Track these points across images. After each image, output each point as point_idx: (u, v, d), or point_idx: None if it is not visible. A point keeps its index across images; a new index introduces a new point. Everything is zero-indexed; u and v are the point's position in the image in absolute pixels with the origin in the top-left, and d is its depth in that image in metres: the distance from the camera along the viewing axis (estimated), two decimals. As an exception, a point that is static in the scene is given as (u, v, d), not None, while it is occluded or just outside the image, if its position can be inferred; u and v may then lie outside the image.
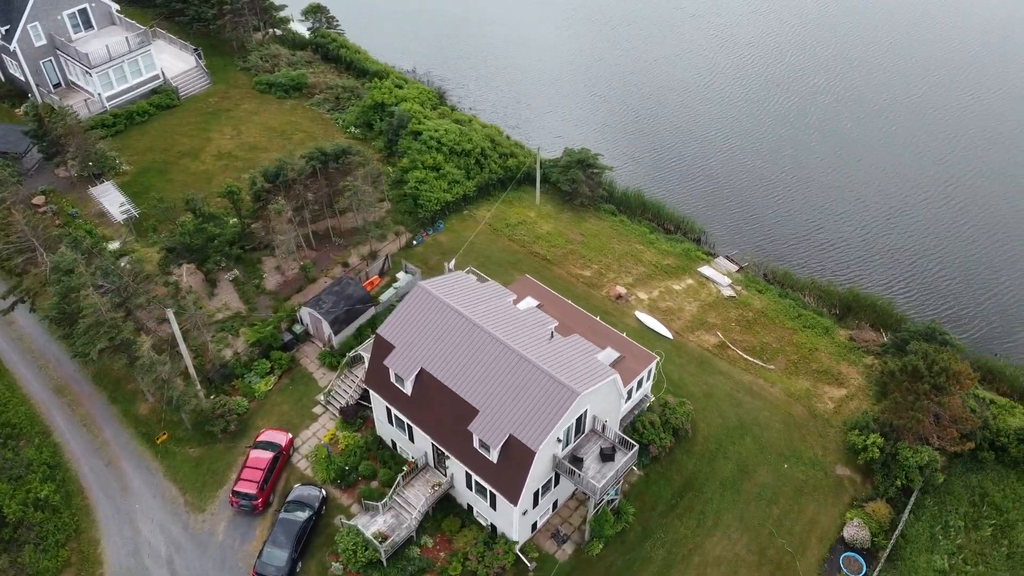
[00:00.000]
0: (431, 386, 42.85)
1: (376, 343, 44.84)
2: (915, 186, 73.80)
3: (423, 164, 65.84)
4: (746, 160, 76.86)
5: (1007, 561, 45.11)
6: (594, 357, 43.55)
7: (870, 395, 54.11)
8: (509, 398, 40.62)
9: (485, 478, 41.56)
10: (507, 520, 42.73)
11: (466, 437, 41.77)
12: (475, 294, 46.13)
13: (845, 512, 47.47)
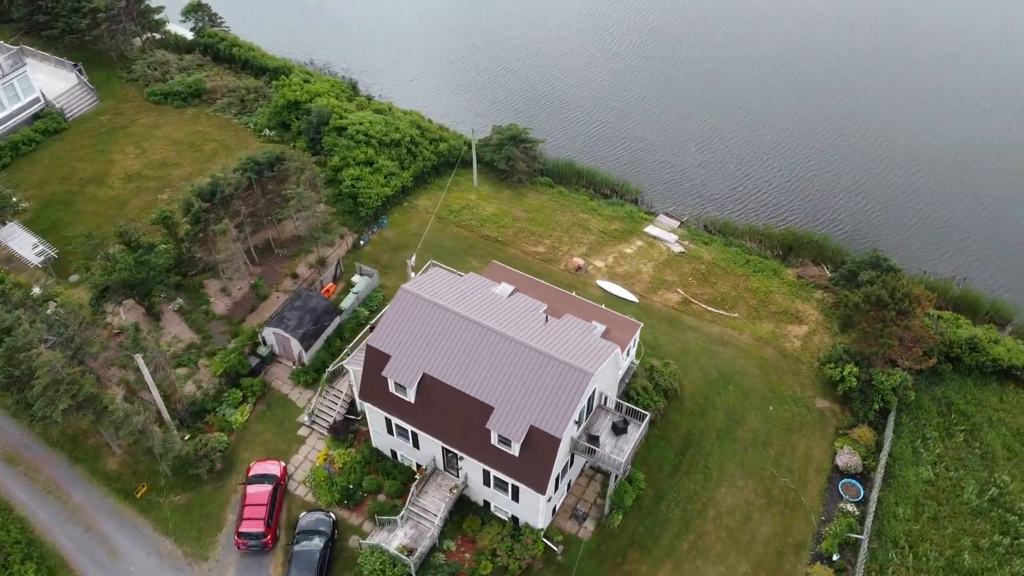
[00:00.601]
0: (436, 390, 41.73)
1: (369, 355, 43.11)
2: (829, 126, 77.36)
3: (355, 160, 63.33)
4: (664, 117, 78.27)
5: (981, 461, 48.98)
6: (592, 335, 43.63)
7: (830, 328, 57.07)
8: (522, 390, 40.14)
9: (507, 472, 41.09)
10: (532, 510, 42.53)
11: (482, 435, 41.08)
12: (459, 289, 45.04)
13: (833, 442, 50.12)
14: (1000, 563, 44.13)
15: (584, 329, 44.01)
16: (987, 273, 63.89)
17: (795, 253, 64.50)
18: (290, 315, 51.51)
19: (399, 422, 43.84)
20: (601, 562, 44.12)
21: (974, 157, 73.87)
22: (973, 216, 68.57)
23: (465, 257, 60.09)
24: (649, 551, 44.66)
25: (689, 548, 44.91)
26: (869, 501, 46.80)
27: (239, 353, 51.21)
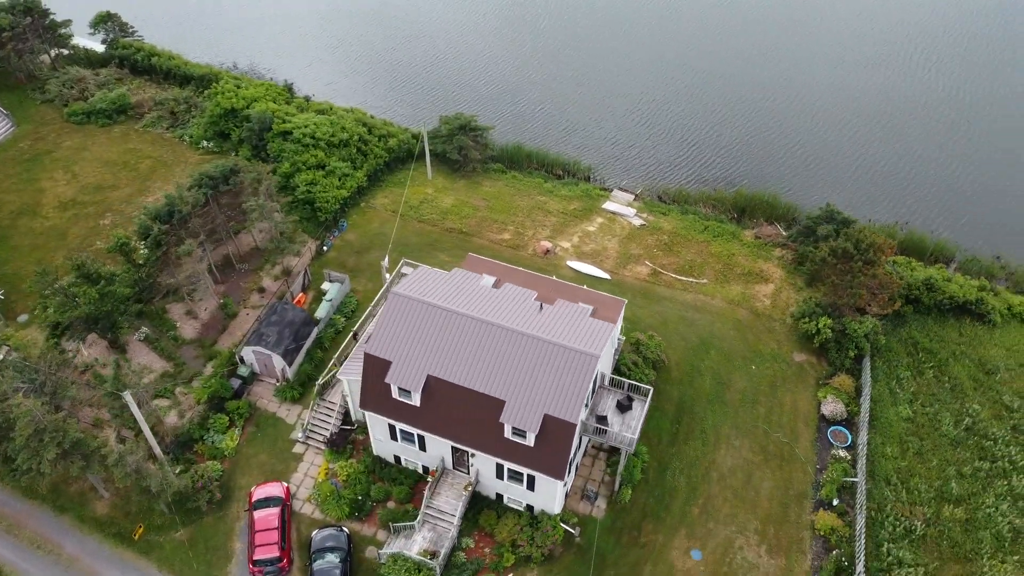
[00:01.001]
0: (442, 391, 41.32)
1: (368, 363, 42.24)
2: (765, 89, 79.65)
3: (306, 165, 61.50)
4: (603, 93, 78.95)
5: (952, 394, 51.91)
6: (587, 317, 43.96)
7: (794, 284, 59.17)
8: (531, 380, 40.19)
9: (523, 463, 41.17)
10: (548, 496, 42.81)
11: (494, 430, 40.98)
12: (448, 286, 44.54)
13: (816, 393, 52.17)
14: (983, 487, 47.04)
15: (577, 312, 44.28)
16: (925, 216, 67.30)
17: (748, 215, 66.49)
18: (268, 331, 49.91)
19: (404, 427, 43.25)
20: (618, 538, 44.86)
21: (898, 107, 77.47)
22: (904, 162, 72.01)
23: (432, 252, 59.44)
24: (662, 521, 45.66)
25: (700, 512, 46.13)
26: (858, 445, 49.05)
27: (220, 377, 49.38)
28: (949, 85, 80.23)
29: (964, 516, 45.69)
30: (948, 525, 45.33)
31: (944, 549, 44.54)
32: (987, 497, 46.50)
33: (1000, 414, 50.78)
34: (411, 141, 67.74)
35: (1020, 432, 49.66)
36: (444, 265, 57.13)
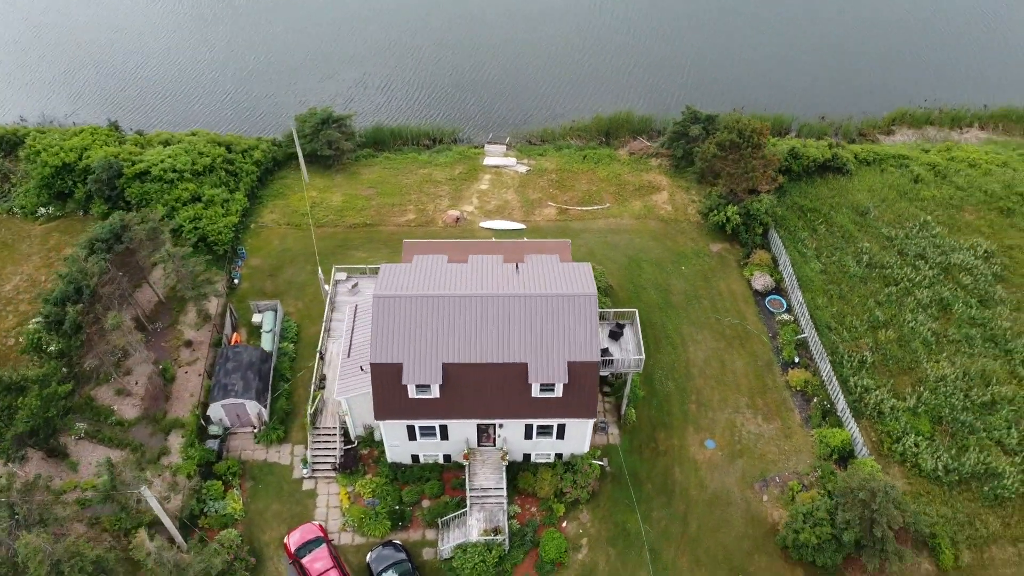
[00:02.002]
0: (460, 375, 41.19)
1: (377, 372, 40.97)
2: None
3: (180, 201, 56.53)
4: (418, 48, 78.79)
5: (843, 240, 59.44)
6: (560, 264, 45.38)
7: (683, 185, 64.13)
8: (544, 336, 41.17)
9: (554, 415, 42.40)
10: (579, 438, 44.55)
11: (519, 394, 41.70)
12: (419, 275, 43.83)
13: (742, 273, 57.63)
14: (898, 307, 54.96)
15: (552, 262, 45.57)
16: (742, 97, 74.23)
17: (613, 136, 70.45)
18: (230, 380, 46.49)
19: (425, 423, 42.77)
20: (640, 455, 47.73)
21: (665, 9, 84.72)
22: (707, 50, 79.33)
23: (348, 252, 57.61)
24: (669, 426, 49.10)
25: (696, 408, 50.06)
26: (794, 306, 55.19)
27: (197, 443, 45.54)
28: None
29: (895, 335, 53.35)
30: (887, 347, 52.77)
31: (892, 367, 51.94)
32: (904, 314, 54.50)
33: (885, 245, 59.12)
34: (274, 149, 64.19)
35: (905, 255, 58.23)
36: (368, 260, 55.85)
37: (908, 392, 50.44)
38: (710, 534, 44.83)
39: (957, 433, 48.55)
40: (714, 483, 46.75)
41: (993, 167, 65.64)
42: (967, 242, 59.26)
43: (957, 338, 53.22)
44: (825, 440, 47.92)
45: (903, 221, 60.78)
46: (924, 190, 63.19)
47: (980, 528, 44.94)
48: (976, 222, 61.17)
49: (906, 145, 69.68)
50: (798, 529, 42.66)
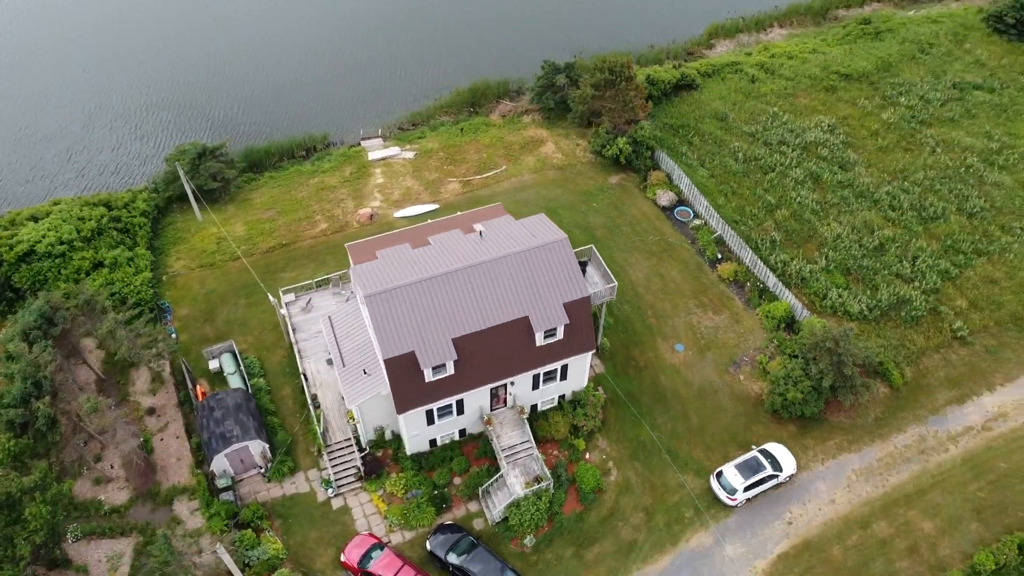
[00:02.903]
0: (469, 346, 42.46)
1: (392, 367, 41.29)
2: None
3: (79, 272, 52.37)
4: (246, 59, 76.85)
5: (716, 145, 65.98)
6: (517, 222, 47.54)
7: (564, 132, 67.99)
8: (535, 287, 43.37)
9: (559, 357, 44.85)
10: (580, 373, 47.41)
11: (525, 347, 43.75)
12: (393, 265, 44.32)
13: (646, 195, 62.57)
14: (781, 187, 62.19)
15: (507, 222, 47.63)
16: (584, 41, 79.54)
17: (478, 101, 72.85)
18: (225, 428, 44.68)
19: (444, 402, 43.76)
20: (626, 374, 51.42)
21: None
22: (528, 9, 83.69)
23: (278, 275, 56.18)
24: (641, 343, 53.12)
25: (656, 320, 54.40)
26: (701, 212, 60.92)
27: (212, 501, 43.55)
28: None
29: (788, 212, 60.57)
30: (786, 224, 59.85)
31: (796, 239, 59.06)
32: (789, 193, 61.90)
33: (750, 141, 66.34)
34: (154, 196, 60.57)
35: (770, 144, 65.73)
36: (297, 279, 55.04)
37: (816, 255, 57.79)
38: (710, 422, 49.57)
39: (865, 277, 56.51)
40: (696, 378, 51.52)
41: (807, 55, 75.21)
42: (811, 122, 67.92)
43: (835, 201, 61.39)
44: (770, 314, 54.09)
45: (756, 117, 68.44)
46: (762, 87, 71.35)
47: (910, 346, 53.06)
48: (811, 104, 70.13)
49: (731, 54, 77.82)
50: (782, 392, 48.36)
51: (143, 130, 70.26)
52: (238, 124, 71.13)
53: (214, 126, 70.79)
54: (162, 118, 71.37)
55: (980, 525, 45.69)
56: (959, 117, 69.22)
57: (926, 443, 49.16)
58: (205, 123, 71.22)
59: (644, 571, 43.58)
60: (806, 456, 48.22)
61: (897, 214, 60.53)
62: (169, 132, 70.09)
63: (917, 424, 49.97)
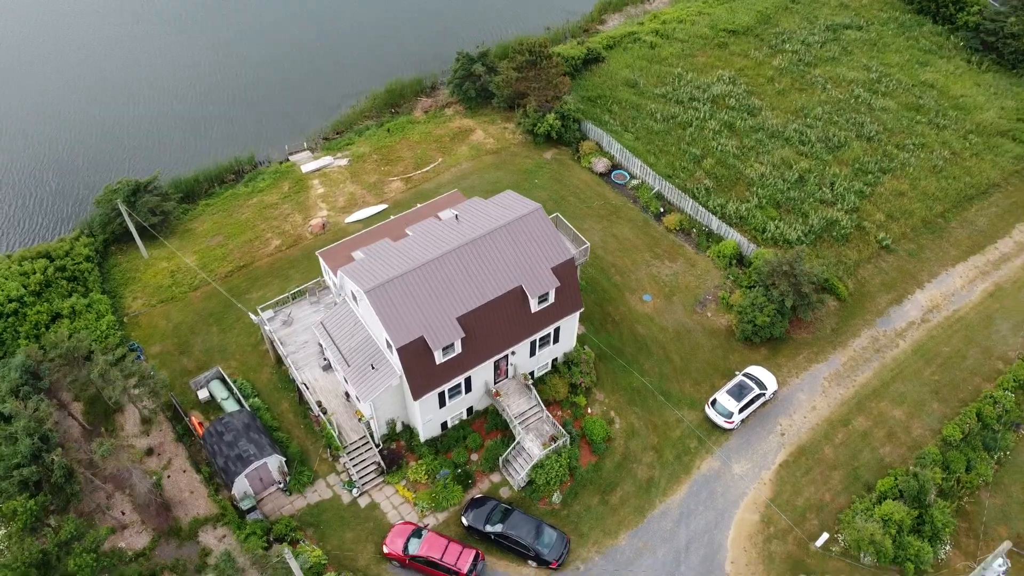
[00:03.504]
0: (472, 322, 43.93)
1: (405, 354, 42.26)
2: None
3: (38, 327, 50.20)
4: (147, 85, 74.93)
5: (635, 110, 69.70)
6: (489, 200, 49.31)
7: (490, 117, 70.09)
8: (523, 257, 45.34)
9: (552, 320, 47.04)
10: (569, 334, 49.79)
11: (521, 316, 45.71)
12: (384, 257, 45.12)
13: (582, 164, 65.57)
14: (701, 138, 66.58)
15: (479, 203, 49.24)
16: (480, 29, 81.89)
17: (393, 103, 73.82)
18: (240, 449, 44.32)
19: (455, 382, 45.09)
20: (606, 328, 54.09)
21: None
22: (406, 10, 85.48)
23: (244, 298, 55.49)
24: (612, 300, 55.96)
25: (620, 278, 57.38)
26: (635, 172, 64.48)
27: (241, 524, 43.16)
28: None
29: (714, 161, 65.06)
30: (715, 171, 64.31)
31: (725, 183, 63.55)
32: (710, 143, 66.41)
33: (663, 102, 70.53)
34: (92, 241, 58.27)
35: (682, 103, 70.04)
36: (265, 298, 54.78)
37: (747, 195, 62.48)
38: (691, 359, 53.09)
39: (794, 208, 61.62)
40: (669, 323, 54.94)
41: (694, 17, 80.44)
42: (713, 77, 72.94)
43: (751, 144, 66.43)
44: (720, 254, 58.22)
45: (663, 80, 72.79)
46: (662, 51, 75.88)
47: (846, 261, 58.47)
48: (709, 61, 75.22)
49: (624, 26, 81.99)
50: (752, 319, 52.44)
51: (48, 183, 66.99)
52: (156, 157, 68.97)
53: (128, 163, 68.37)
54: (70, 163, 68.29)
55: (940, 403, 51.32)
56: (838, 55, 76.13)
57: (879, 342, 54.53)
58: (119, 161, 68.68)
59: (667, 503, 46.55)
60: (781, 373, 52.51)
61: (807, 148, 66.19)
62: (81, 175, 67.00)
63: (868, 327, 55.31)
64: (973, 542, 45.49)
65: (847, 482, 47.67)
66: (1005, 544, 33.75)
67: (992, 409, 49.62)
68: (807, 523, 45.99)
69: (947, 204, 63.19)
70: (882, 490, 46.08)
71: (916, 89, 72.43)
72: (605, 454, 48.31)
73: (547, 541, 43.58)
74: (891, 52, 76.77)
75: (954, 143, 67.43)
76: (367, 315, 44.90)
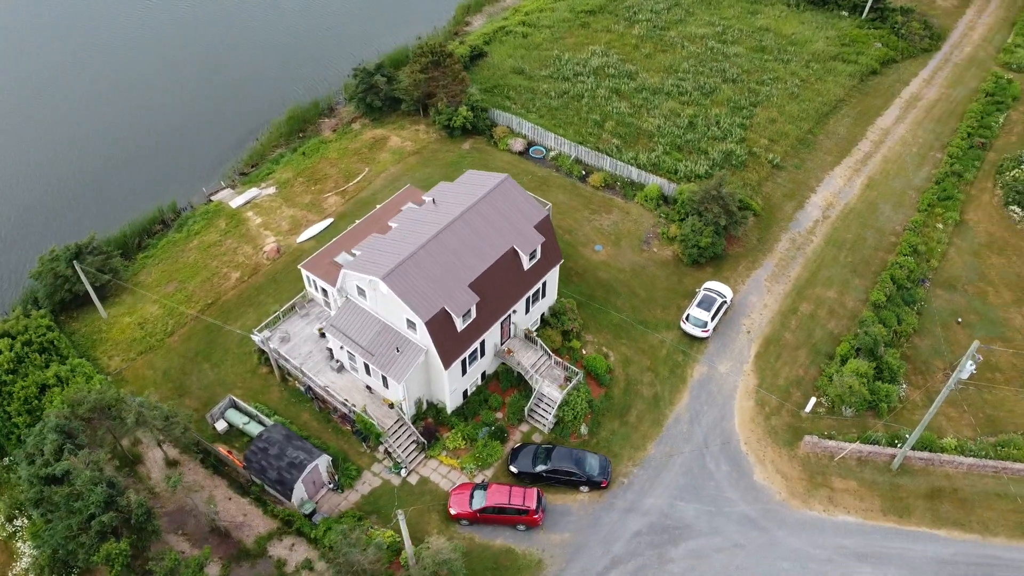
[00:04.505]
0: (480, 287, 47.68)
1: (434, 327, 45.32)
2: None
3: (28, 401, 48.48)
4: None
5: (530, 93, 75.48)
6: (457, 182, 53.21)
7: (398, 124, 73.47)
8: (507, 221, 49.66)
9: (541, 273, 51.60)
10: (552, 286, 54.49)
11: (517, 274, 49.96)
12: (382, 247, 47.82)
13: (499, 149, 70.45)
14: (600, 106, 73.48)
15: (447, 186, 52.98)
16: (355, 49, 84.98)
17: (303, 128, 75.59)
18: (289, 456, 45.56)
19: (474, 346, 48.58)
20: (575, 283, 59.17)
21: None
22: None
23: (226, 331, 55.85)
24: (570, 256, 61.03)
25: (569, 236, 62.73)
26: (552, 146, 70.20)
27: (309, 524, 44.45)
28: None
29: (615, 121, 72.00)
30: (617, 130, 71.24)
31: (629, 139, 70.69)
32: (604, 108, 73.36)
33: (551, 81, 76.84)
34: (41, 312, 56.14)
35: (567, 79, 76.66)
36: (245, 327, 55.61)
37: (651, 145, 69.92)
38: (653, 290, 59.34)
39: (693, 149, 69.70)
40: (624, 264, 60.97)
41: (552, 5, 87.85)
42: (587, 53, 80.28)
43: (640, 103, 74.15)
44: (647, 197, 65.07)
45: (545, 63, 79.22)
46: (534, 39, 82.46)
47: (750, 182, 67.09)
48: (578, 40, 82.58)
49: (490, 23, 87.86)
50: (696, 243, 59.46)
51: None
52: (69, 223, 66.78)
53: (41, 234, 65.78)
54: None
55: (860, 278, 60.58)
56: (684, 17, 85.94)
57: (797, 242, 63.29)
58: (31, 234, 65.93)
59: (676, 410, 52.31)
60: (729, 283, 59.86)
61: (687, 97, 74.77)
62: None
63: (784, 232, 63.99)
64: (920, 377, 54.57)
65: (812, 356, 55.53)
66: (975, 344, 41.83)
67: (901, 272, 59.36)
68: (792, 396, 53.29)
69: (811, 122, 73.72)
70: (842, 354, 54.23)
71: (756, 34, 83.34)
72: (611, 384, 53.40)
73: (593, 465, 48.03)
74: (725, 7, 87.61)
75: (800, 72, 78.53)
76: (380, 304, 47.52)
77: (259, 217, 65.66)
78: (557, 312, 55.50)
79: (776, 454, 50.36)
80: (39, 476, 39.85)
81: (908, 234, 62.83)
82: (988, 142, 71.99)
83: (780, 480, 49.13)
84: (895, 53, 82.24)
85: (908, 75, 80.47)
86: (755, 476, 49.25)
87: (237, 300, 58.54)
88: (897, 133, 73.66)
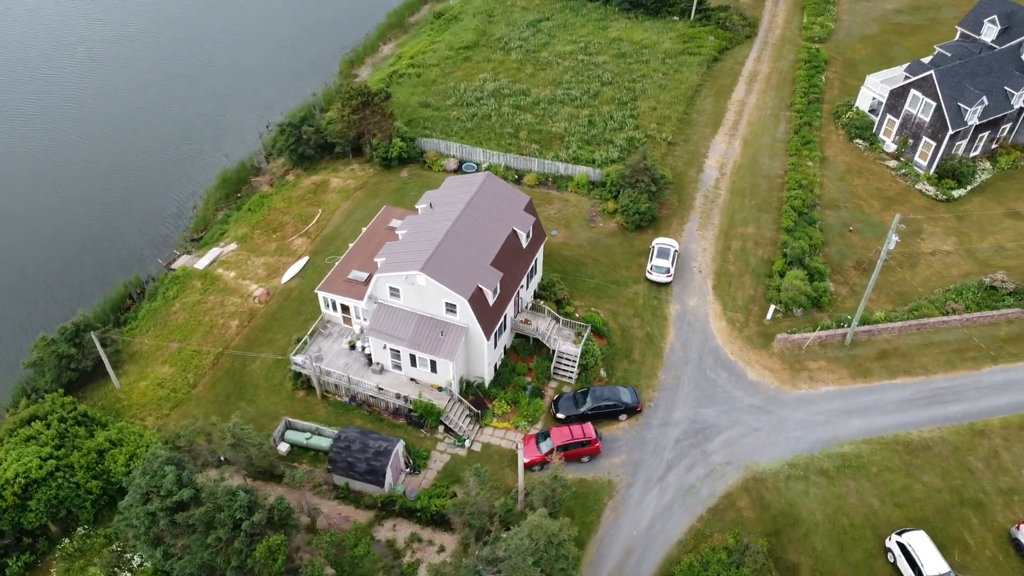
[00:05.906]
0: (499, 263, 54.45)
1: (474, 302, 51.39)
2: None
3: (88, 469, 48.97)
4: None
5: (445, 121, 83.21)
6: (442, 188, 59.74)
7: (334, 167, 78.52)
8: (503, 209, 57.08)
9: (535, 250, 59.16)
10: (540, 263, 62.07)
11: (520, 251, 57.26)
12: (403, 251, 53.41)
13: (434, 169, 77.35)
14: (503, 118, 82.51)
15: (432, 195, 59.33)
16: (257, 108, 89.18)
17: (237, 189, 78.63)
18: (373, 446, 49.96)
19: (501, 320, 54.99)
20: (546, 266, 67.13)
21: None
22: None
23: (247, 370, 58.34)
24: (532, 245, 68.97)
25: (526, 228, 70.65)
26: (481, 160, 78.05)
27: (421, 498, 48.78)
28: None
29: (526, 131, 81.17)
30: (531, 137, 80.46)
31: (544, 143, 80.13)
32: (513, 121, 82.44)
33: (458, 108, 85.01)
34: (55, 395, 55.90)
35: (470, 104, 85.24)
36: (258, 359, 58.68)
37: (565, 144, 79.63)
38: (612, 255, 68.44)
39: (600, 141, 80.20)
40: (580, 240, 69.73)
41: (431, 47, 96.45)
42: (479, 80, 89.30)
43: (541, 112, 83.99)
44: (580, 184, 74.52)
45: (446, 95, 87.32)
46: (427, 76, 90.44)
47: (654, 157, 78.39)
48: (466, 72, 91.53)
49: (378, 71, 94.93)
50: (635, 210, 69.35)
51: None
52: (39, 312, 66.03)
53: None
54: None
55: (767, 214, 72.97)
56: (548, 40, 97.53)
57: (708, 197, 75.05)
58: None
59: (669, 341, 61.24)
60: (671, 237, 70.21)
61: (578, 102, 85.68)
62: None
63: (696, 191, 75.62)
64: (839, 275, 67.13)
65: (755, 278, 66.64)
66: (896, 218, 54.01)
67: (797, 202, 72.40)
68: (752, 311, 63.91)
69: (683, 105, 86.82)
70: (778, 270, 65.72)
71: (613, 44, 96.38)
72: (609, 334, 61.45)
73: (626, 395, 55.64)
74: (579, 28, 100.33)
75: (660, 68, 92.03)
76: (416, 298, 52.95)
77: (231, 271, 68.22)
78: (546, 285, 63.06)
79: (758, 356, 60.45)
80: (164, 508, 41.59)
81: (791, 173, 76.43)
82: (821, 96, 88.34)
83: (769, 374, 59.16)
84: (725, 42, 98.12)
85: (742, 57, 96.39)
86: (749, 376, 58.95)
87: (247, 343, 61.02)
88: (751, 102, 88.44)
